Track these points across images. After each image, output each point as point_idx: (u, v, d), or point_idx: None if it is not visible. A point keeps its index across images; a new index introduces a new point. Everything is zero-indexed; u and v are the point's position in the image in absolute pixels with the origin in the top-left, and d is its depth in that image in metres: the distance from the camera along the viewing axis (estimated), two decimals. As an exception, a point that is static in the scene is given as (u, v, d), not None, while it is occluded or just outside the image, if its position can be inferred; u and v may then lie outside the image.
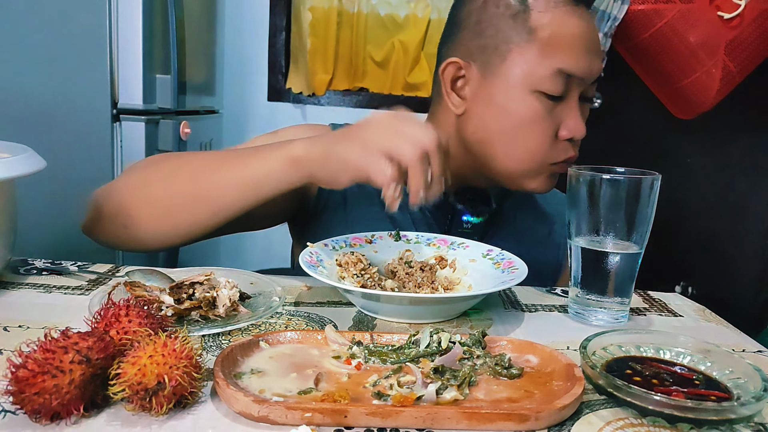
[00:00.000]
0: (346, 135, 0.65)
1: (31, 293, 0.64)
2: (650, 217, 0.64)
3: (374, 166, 0.61)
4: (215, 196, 0.70)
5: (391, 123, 0.64)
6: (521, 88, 0.78)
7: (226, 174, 0.70)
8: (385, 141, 0.62)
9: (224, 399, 0.43)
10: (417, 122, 0.64)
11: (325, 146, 0.66)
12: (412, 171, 0.61)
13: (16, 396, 0.38)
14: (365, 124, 0.65)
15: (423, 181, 0.62)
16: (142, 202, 0.73)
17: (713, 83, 2.01)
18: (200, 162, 0.76)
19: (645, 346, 0.53)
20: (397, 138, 0.62)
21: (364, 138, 0.63)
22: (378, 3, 2.39)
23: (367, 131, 0.64)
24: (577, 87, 0.79)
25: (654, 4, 1.99)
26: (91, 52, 1.45)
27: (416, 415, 0.41)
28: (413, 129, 0.63)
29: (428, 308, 0.62)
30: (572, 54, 0.77)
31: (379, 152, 0.61)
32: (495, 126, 0.80)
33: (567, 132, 0.79)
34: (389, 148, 0.61)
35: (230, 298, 0.58)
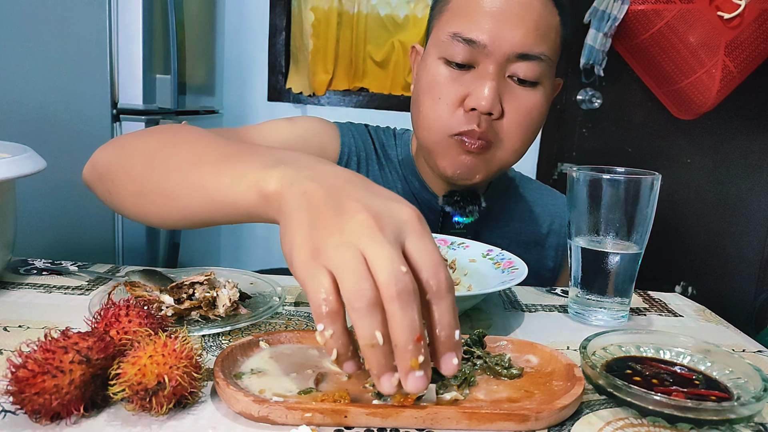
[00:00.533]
0: (317, 214, 0.43)
1: (31, 293, 0.64)
2: (650, 217, 0.64)
3: (310, 292, 0.40)
4: (180, 199, 0.58)
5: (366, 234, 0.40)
6: (430, 56, 0.80)
7: (196, 180, 0.56)
8: (337, 262, 0.40)
9: (224, 399, 0.43)
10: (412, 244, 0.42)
11: (294, 206, 0.45)
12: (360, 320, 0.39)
13: (16, 396, 0.38)
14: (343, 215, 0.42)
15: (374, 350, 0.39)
16: (120, 174, 0.65)
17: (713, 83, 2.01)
18: (184, 151, 0.62)
19: (645, 346, 0.53)
20: (351, 265, 0.39)
21: (324, 241, 0.41)
22: (378, 3, 2.39)
23: (334, 230, 0.41)
24: (489, 58, 0.76)
25: (654, 4, 1.99)
26: (91, 52, 1.45)
27: (416, 416, 0.41)
28: (384, 259, 0.39)
29: (428, 308, 0.62)
30: (471, 19, 0.76)
31: (327, 273, 0.40)
32: (413, 98, 0.83)
33: (469, 101, 0.77)
34: (336, 275, 0.40)
35: (230, 298, 0.58)
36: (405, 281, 0.39)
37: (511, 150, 0.81)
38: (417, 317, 0.39)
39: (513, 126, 0.79)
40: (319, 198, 0.44)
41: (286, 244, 0.43)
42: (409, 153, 0.93)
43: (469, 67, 0.77)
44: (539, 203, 0.99)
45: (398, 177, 0.93)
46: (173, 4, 1.57)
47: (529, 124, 0.80)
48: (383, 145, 0.95)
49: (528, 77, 0.77)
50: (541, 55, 0.76)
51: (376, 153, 0.94)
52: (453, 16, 0.78)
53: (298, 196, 0.45)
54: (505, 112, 0.78)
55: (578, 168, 0.65)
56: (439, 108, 0.79)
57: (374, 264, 0.39)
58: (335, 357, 0.40)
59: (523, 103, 0.78)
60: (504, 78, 0.77)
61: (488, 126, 0.78)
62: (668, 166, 2.35)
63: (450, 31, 0.77)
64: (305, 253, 0.41)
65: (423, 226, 0.43)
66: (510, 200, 0.97)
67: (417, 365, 0.39)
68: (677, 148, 2.34)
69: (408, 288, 0.39)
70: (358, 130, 0.95)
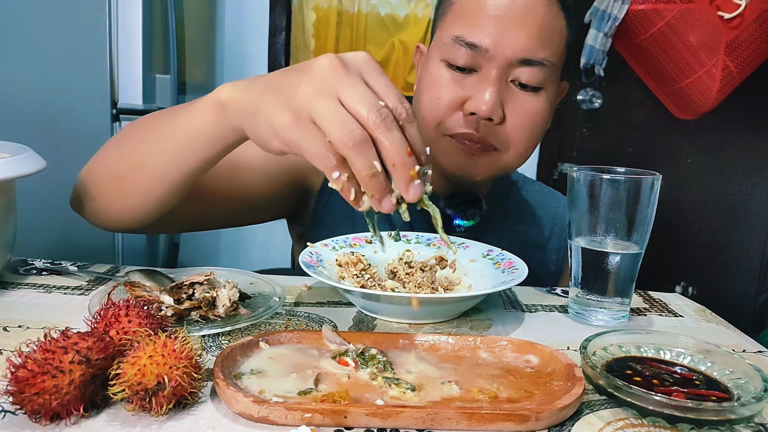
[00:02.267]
0: (280, 85, 0.48)
1: (30, 293, 0.64)
2: (650, 217, 0.64)
3: (309, 146, 0.45)
4: (151, 160, 0.61)
5: (335, 78, 0.45)
6: (433, 58, 0.80)
7: (157, 132, 0.60)
8: (320, 113, 0.44)
9: (224, 399, 0.43)
10: (372, 81, 0.47)
11: (254, 95, 0.49)
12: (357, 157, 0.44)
13: (16, 396, 0.38)
14: (306, 70, 0.47)
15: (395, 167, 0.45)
16: (98, 168, 0.68)
17: (713, 83, 2.01)
18: (144, 123, 0.66)
19: (645, 346, 0.53)
20: (334, 111, 0.44)
21: (299, 98, 0.45)
22: (378, 3, 2.39)
23: (304, 84, 0.45)
24: (491, 62, 0.75)
25: (654, 4, 1.99)
26: (91, 51, 1.45)
27: (416, 416, 0.41)
28: (360, 98, 0.44)
29: (428, 308, 0.62)
30: (474, 23, 0.75)
31: (315, 123, 0.44)
32: (414, 98, 0.83)
33: (469, 105, 0.76)
34: (322, 127, 0.44)
35: (230, 298, 0.58)
36: (385, 111, 0.44)
37: (516, 154, 0.80)
38: (402, 136, 0.45)
39: (516, 131, 0.78)
40: (278, 75, 0.49)
41: (262, 126, 0.48)
42: None
43: (470, 70, 0.76)
44: (541, 206, 0.98)
45: None
46: (173, 4, 1.57)
47: (532, 129, 0.79)
48: None
49: (530, 82, 0.76)
50: (544, 60, 0.75)
51: None
52: (456, 18, 0.77)
53: (255, 87, 0.50)
54: (506, 117, 0.77)
55: (578, 168, 0.65)
56: (437, 107, 0.78)
57: (353, 103, 0.44)
58: (354, 196, 0.46)
59: (526, 108, 0.77)
60: (506, 82, 0.76)
61: (487, 131, 0.77)
62: (668, 166, 2.35)
63: (453, 33, 0.76)
64: (286, 117, 0.45)
65: (377, 65, 0.48)
66: (512, 203, 0.97)
67: (415, 174, 0.45)
68: (677, 148, 2.34)
69: (389, 115, 0.45)
70: None
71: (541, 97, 0.78)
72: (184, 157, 0.58)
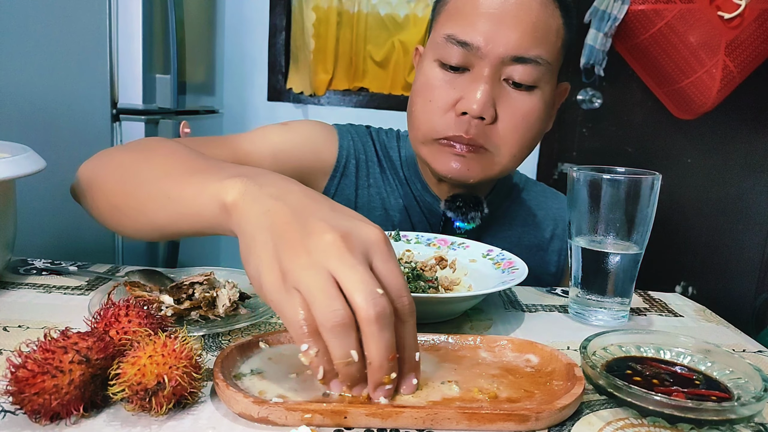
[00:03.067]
0: (281, 235, 0.43)
1: (30, 293, 0.64)
2: (650, 217, 0.64)
3: (286, 310, 0.41)
4: (149, 211, 0.58)
5: (334, 256, 0.41)
6: (427, 58, 0.80)
7: (162, 191, 0.56)
8: (307, 286, 0.40)
9: (224, 400, 0.43)
10: (379, 267, 0.42)
11: (255, 224, 0.45)
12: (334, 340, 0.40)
13: (16, 396, 0.38)
14: (308, 235, 0.42)
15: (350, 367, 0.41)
16: (97, 187, 0.66)
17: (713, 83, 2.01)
18: (154, 166, 0.62)
19: (645, 346, 0.53)
20: (322, 290, 0.40)
21: (292, 263, 0.41)
22: (378, 3, 2.39)
23: (301, 253, 0.41)
24: (483, 61, 0.74)
25: (654, 4, 1.99)
26: (91, 52, 1.45)
27: (416, 416, 0.41)
28: (356, 282, 0.40)
29: (428, 308, 0.62)
30: (466, 21, 0.74)
31: (300, 292, 0.40)
32: (409, 100, 0.83)
33: (461, 105, 0.75)
34: (306, 300, 0.40)
35: (230, 298, 0.58)
36: (382, 304, 0.40)
37: (509, 155, 0.79)
38: (392, 337, 0.41)
39: (508, 131, 0.77)
40: (284, 218, 0.43)
41: (252, 267, 0.43)
42: (412, 155, 0.92)
43: (463, 69, 0.76)
44: (543, 207, 0.98)
45: (400, 180, 0.91)
46: (173, 4, 1.57)
47: (525, 129, 0.77)
48: (385, 147, 0.94)
49: (524, 81, 0.75)
50: (538, 58, 0.74)
51: (377, 155, 0.93)
52: (449, 17, 0.77)
53: (260, 215, 0.45)
54: (499, 117, 0.76)
55: (578, 168, 0.65)
56: (429, 110, 0.78)
57: (349, 286, 0.40)
58: (322, 375, 0.42)
59: (519, 108, 0.76)
60: (499, 81, 0.75)
61: (479, 132, 0.76)
62: (668, 166, 2.35)
63: (445, 32, 0.76)
64: (274, 276, 0.41)
65: (389, 247, 0.44)
66: (513, 204, 0.96)
67: (389, 381, 0.42)
68: (677, 148, 2.34)
69: (385, 310, 0.40)
70: (359, 132, 0.94)
71: (535, 97, 0.77)
72: (181, 225, 0.55)
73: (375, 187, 0.91)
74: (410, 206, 0.90)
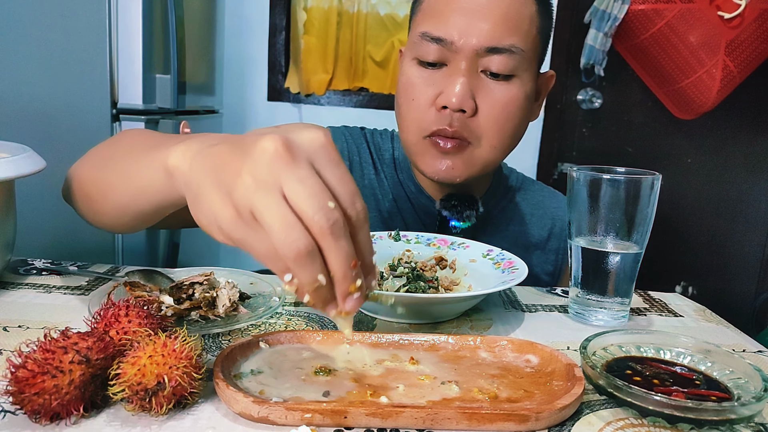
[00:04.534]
0: (223, 168, 0.41)
1: (30, 293, 0.64)
2: (650, 217, 0.64)
3: (256, 247, 0.40)
4: (113, 193, 0.58)
5: (279, 168, 0.39)
6: (406, 58, 0.81)
7: (120, 169, 0.57)
8: (261, 212, 0.38)
9: (224, 400, 0.43)
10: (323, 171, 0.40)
11: (197, 174, 0.43)
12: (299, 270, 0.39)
13: (16, 396, 0.38)
14: (249, 153, 0.40)
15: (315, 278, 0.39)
16: (75, 179, 0.67)
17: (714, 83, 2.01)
18: (113, 149, 0.63)
19: (645, 346, 0.53)
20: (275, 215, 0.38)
21: (241, 190, 0.39)
22: (378, 3, 2.39)
23: (245, 174, 0.39)
24: (458, 54, 0.75)
25: (654, 4, 1.99)
26: (91, 52, 1.45)
27: (416, 416, 0.41)
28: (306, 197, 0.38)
29: (428, 308, 0.62)
30: (439, 18, 0.75)
31: (259, 222, 0.39)
32: (395, 101, 0.84)
33: (441, 99, 0.76)
34: (265, 229, 0.38)
35: (230, 298, 0.58)
36: (335, 216, 0.39)
37: (490, 147, 0.79)
38: (350, 246, 0.40)
39: (489, 122, 0.77)
40: (222, 152, 0.42)
41: (205, 215, 0.42)
42: (405, 155, 0.92)
43: (441, 65, 0.77)
44: (541, 205, 0.98)
45: (394, 180, 0.92)
46: (173, 4, 1.57)
47: (506, 119, 0.78)
48: (379, 148, 0.95)
49: (501, 71, 0.76)
50: (512, 47, 0.75)
51: (371, 156, 0.93)
52: (424, 16, 0.78)
53: (199, 162, 0.43)
54: (479, 109, 0.77)
55: (578, 168, 0.65)
56: (413, 109, 0.79)
57: (298, 202, 0.38)
58: (307, 299, 0.41)
59: (498, 98, 0.77)
60: (477, 73, 0.76)
61: (461, 124, 0.76)
62: (668, 166, 2.35)
63: (420, 31, 0.77)
64: (229, 213, 0.40)
65: (335, 151, 0.41)
66: (510, 203, 0.96)
67: (355, 289, 0.41)
68: (677, 148, 2.34)
69: (339, 222, 0.39)
70: (353, 134, 0.95)
71: (513, 86, 0.77)
72: (140, 202, 0.54)
73: (369, 188, 0.91)
74: (404, 208, 0.91)
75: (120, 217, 0.60)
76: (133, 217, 0.58)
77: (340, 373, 0.48)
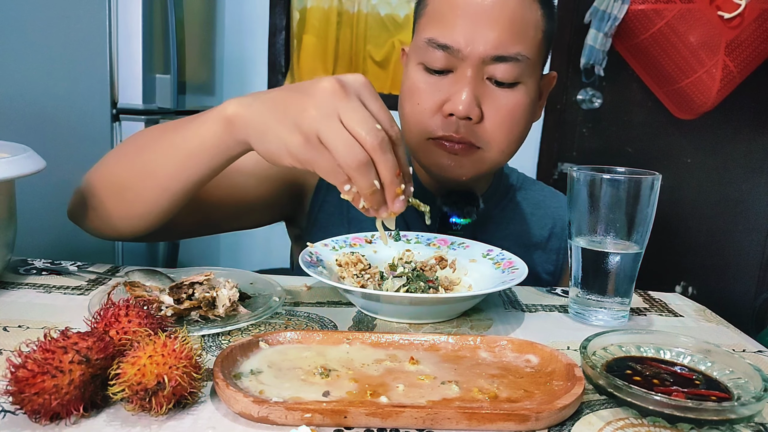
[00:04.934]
0: (286, 106, 0.53)
1: (30, 293, 0.64)
2: (650, 217, 0.64)
3: (322, 164, 0.52)
4: (157, 169, 0.64)
5: (337, 101, 0.51)
6: (411, 61, 0.81)
7: (165, 143, 0.64)
8: (326, 135, 0.50)
9: (224, 399, 0.43)
10: (368, 105, 0.53)
11: (261, 113, 0.55)
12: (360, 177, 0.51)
13: (16, 396, 0.38)
14: (310, 92, 0.52)
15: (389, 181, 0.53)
16: (100, 181, 0.69)
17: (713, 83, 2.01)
18: (149, 134, 0.69)
19: (645, 346, 0.53)
20: (339, 135, 0.50)
21: (308, 120, 0.51)
22: (378, 3, 2.39)
23: (310, 107, 0.51)
24: (465, 62, 0.75)
25: (654, 4, 1.99)
26: (91, 52, 1.45)
27: (416, 416, 0.41)
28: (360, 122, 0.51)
29: (428, 308, 0.62)
30: (445, 24, 0.75)
31: (324, 144, 0.51)
32: (398, 102, 0.84)
33: (447, 107, 0.76)
34: (329, 148, 0.51)
35: (230, 298, 0.58)
36: (382, 134, 0.51)
37: (499, 151, 0.80)
38: (394, 158, 0.52)
39: (495, 128, 0.78)
40: (282, 94, 0.55)
41: (274, 145, 0.53)
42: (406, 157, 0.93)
43: (447, 71, 0.77)
44: (541, 205, 0.98)
45: None
46: (173, 4, 1.57)
47: (512, 124, 0.78)
48: None
49: (506, 79, 0.76)
50: (518, 55, 0.75)
51: None
52: (429, 20, 0.78)
53: (261, 105, 0.55)
54: (485, 115, 0.77)
55: (578, 168, 0.65)
56: (418, 113, 0.79)
57: (354, 125, 0.50)
58: (362, 205, 0.55)
59: (503, 105, 0.77)
60: (482, 80, 0.76)
61: (468, 131, 0.77)
62: (668, 166, 2.35)
63: (426, 36, 0.77)
64: (298, 139, 0.51)
65: (373, 89, 0.55)
66: (511, 203, 0.96)
67: (401, 191, 0.54)
68: (677, 148, 2.34)
69: (385, 138, 0.51)
70: None
71: (519, 92, 0.78)
72: (190, 167, 0.62)
73: None
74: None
75: (159, 197, 0.65)
76: (175, 192, 0.65)
77: (340, 373, 0.48)
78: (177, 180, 0.63)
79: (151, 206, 0.66)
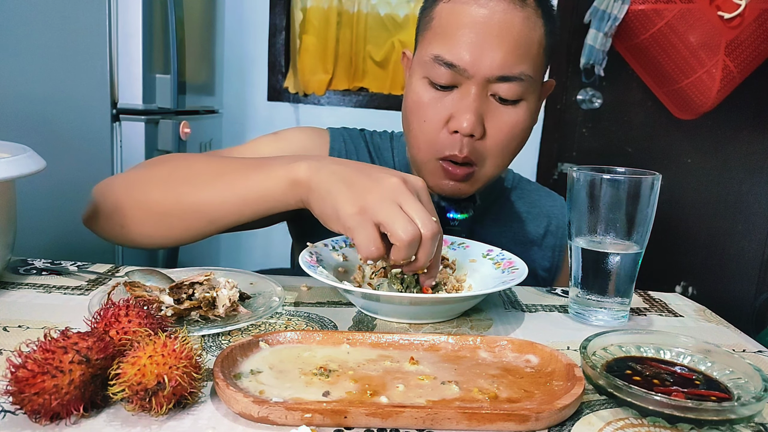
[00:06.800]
0: (353, 183, 0.60)
1: (30, 293, 0.64)
2: (650, 217, 0.64)
3: (362, 238, 0.57)
4: (211, 208, 0.69)
5: (400, 194, 0.58)
6: (415, 74, 0.82)
7: (225, 187, 0.68)
8: (386, 214, 0.57)
9: (224, 400, 0.43)
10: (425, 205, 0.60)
11: (329, 183, 0.61)
12: (395, 250, 0.57)
13: (16, 396, 0.38)
14: (377, 180, 0.60)
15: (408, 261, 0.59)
16: (137, 203, 0.72)
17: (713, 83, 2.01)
18: (200, 169, 0.73)
19: (645, 346, 0.53)
20: (400, 215, 0.57)
21: (367, 201, 0.58)
22: (378, 3, 2.39)
23: (375, 191, 0.58)
24: (470, 80, 0.76)
25: (654, 4, 1.99)
26: (91, 52, 1.45)
27: (416, 416, 0.41)
28: (419, 212, 0.58)
29: (428, 308, 0.62)
30: (451, 42, 0.76)
31: (374, 224, 0.57)
32: (402, 114, 0.85)
33: (452, 124, 0.77)
34: (386, 223, 0.57)
35: (230, 298, 0.58)
36: (436, 227, 0.58)
37: (494, 166, 0.82)
38: (435, 250, 0.60)
39: (495, 145, 0.79)
40: (349, 173, 0.61)
41: (329, 208, 0.60)
42: (405, 156, 0.93)
43: (452, 87, 0.78)
44: (537, 204, 0.99)
45: None
46: (173, 4, 1.57)
47: (510, 141, 0.80)
48: (378, 148, 0.95)
49: (509, 97, 0.77)
50: (521, 75, 0.76)
51: (370, 156, 0.94)
52: (435, 35, 0.78)
53: (328, 175, 0.62)
54: (487, 133, 0.79)
55: (578, 168, 0.65)
56: (425, 130, 0.80)
57: (412, 214, 0.57)
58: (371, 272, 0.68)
59: (505, 122, 0.79)
60: (486, 97, 0.77)
61: (470, 149, 0.78)
62: (668, 166, 2.35)
63: (432, 52, 0.77)
64: (352, 209, 0.58)
65: (427, 191, 0.62)
66: (507, 201, 0.98)
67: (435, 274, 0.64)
68: (677, 148, 2.34)
69: (436, 231, 0.58)
70: (352, 135, 0.95)
71: (520, 109, 0.79)
72: (245, 210, 0.68)
73: None
74: None
75: (203, 229, 0.71)
76: (220, 227, 0.71)
77: (340, 373, 0.48)
78: (227, 218, 0.69)
79: (192, 234, 0.71)
